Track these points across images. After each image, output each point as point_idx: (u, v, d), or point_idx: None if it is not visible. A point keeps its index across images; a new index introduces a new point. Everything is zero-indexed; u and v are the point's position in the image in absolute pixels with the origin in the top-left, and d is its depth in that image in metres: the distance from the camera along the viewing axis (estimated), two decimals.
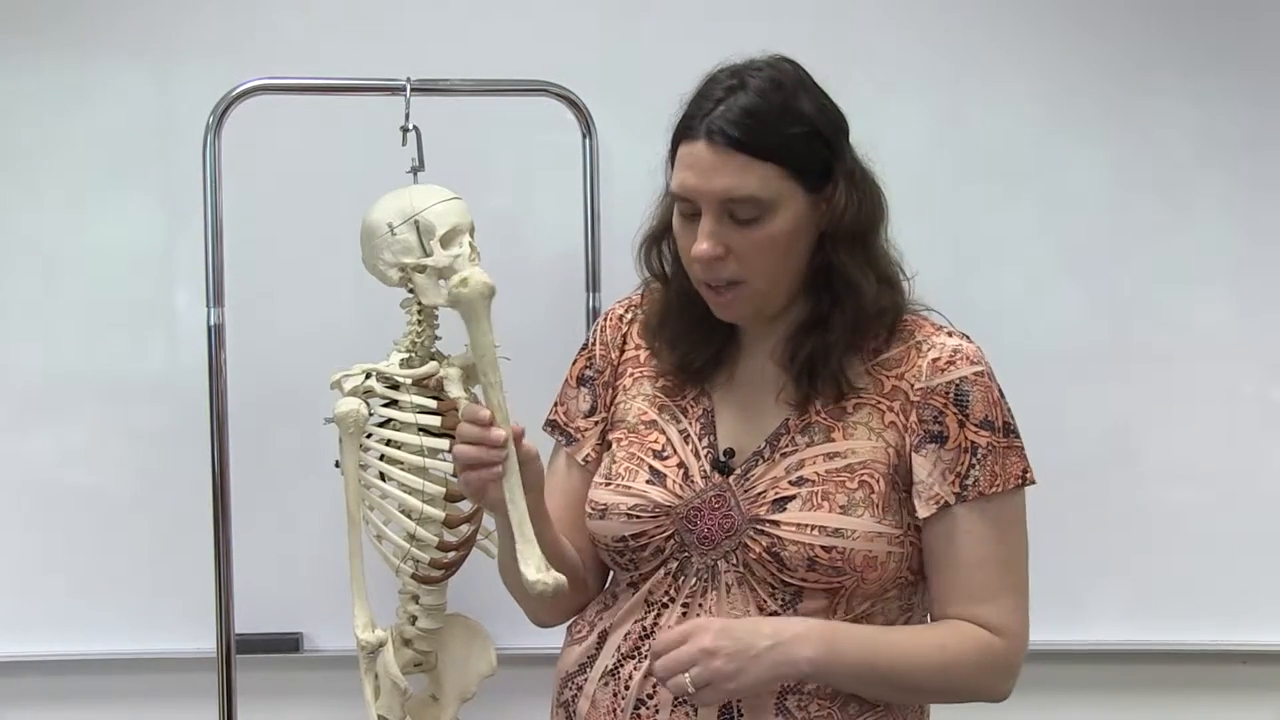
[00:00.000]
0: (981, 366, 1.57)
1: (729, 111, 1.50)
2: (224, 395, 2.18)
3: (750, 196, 1.50)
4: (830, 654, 1.48)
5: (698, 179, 1.51)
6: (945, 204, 2.38)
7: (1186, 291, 2.45)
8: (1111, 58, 2.42)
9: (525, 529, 1.50)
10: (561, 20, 2.38)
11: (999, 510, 1.56)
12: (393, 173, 2.13)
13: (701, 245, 1.51)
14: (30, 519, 2.41)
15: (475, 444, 1.51)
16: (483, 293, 1.52)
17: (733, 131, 1.49)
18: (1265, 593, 2.43)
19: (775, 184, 1.51)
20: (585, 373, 1.72)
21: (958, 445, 1.55)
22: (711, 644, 1.45)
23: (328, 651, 2.40)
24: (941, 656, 1.53)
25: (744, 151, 1.49)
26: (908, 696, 1.60)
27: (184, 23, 2.38)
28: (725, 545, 1.56)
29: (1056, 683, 2.43)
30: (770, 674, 1.47)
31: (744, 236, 1.51)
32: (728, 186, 1.50)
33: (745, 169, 1.50)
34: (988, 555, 1.55)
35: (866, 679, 1.53)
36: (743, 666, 1.45)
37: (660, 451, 1.62)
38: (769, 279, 1.55)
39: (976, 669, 1.55)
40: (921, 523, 1.56)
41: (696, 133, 1.51)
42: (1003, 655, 1.55)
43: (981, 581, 1.55)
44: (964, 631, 1.54)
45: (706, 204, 1.51)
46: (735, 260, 1.52)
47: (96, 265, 2.42)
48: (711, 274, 1.54)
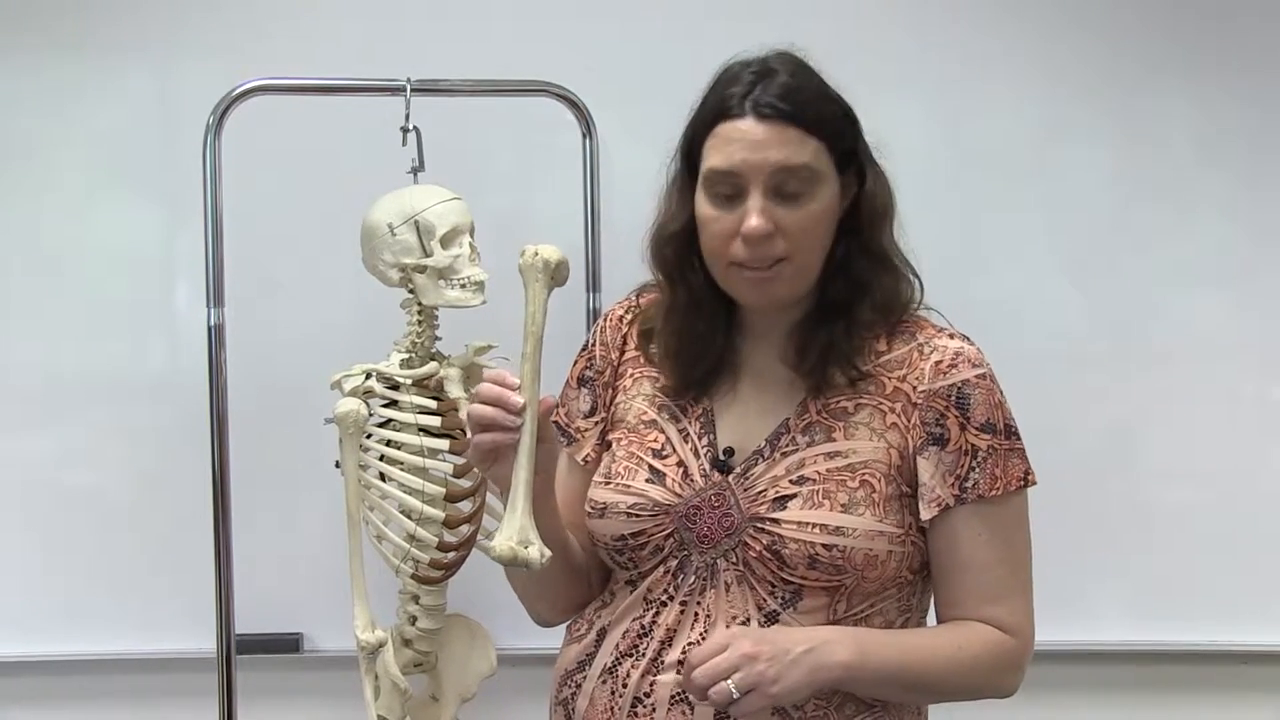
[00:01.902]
0: (983, 369, 1.58)
1: (772, 88, 1.51)
2: (224, 395, 2.18)
3: (805, 166, 1.50)
4: (862, 657, 1.50)
5: (749, 152, 1.50)
6: (945, 204, 2.38)
7: (1186, 291, 2.45)
8: (1112, 58, 2.42)
9: (518, 502, 1.48)
10: (561, 20, 2.38)
11: (1001, 512, 1.56)
12: (393, 173, 2.13)
13: (753, 221, 1.50)
14: (30, 519, 2.42)
15: (493, 404, 1.50)
16: (536, 265, 1.51)
17: (783, 105, 1.50)
18: (1265, 593, 2.43)
19: (822, 159, 1.52)
20: (585, 373, 1.72)
21: (958, 448, 1.55)
22: (752, 649, 1.45)
23: (328, 652, 2.40)
24: (960, 657, 1.55)
25: (795, 124, 1.50)
26: (927, 697, 1.63)
27: (184, 23, 2.38)
28: (725, 544, 1.56)
29: (1057, 682, 2.43)
30: (808, 678, 1.47)
31: (791, 213, 1.51)
32: (784, 157, 1.50)
33: (799, 141, 1.50)
34: (995, 557, 1.56)
35: (895, 681, 1.54)
36: (783, 671, 1.45)
37: (660, 450, 1.62)
38: (813, 257, 1.55)
39: (992, 668, 1.57)
40: (926, 525, 1.56)
41: (741, 110, 1.51)
42: (1015, 653, 1.57)
43: (991, 583, 1.56)
44: (978, 632, 1.56)
45: (756, 178, 1.50)
46: (782, 237, 1.52)
47: (96, 265, 2.42)
48: (760, 251, 1.52)
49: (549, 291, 1.53)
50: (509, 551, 1.47)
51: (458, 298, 2.07)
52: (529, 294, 1.52)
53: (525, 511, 1.49)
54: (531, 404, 1.49)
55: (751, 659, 1.44)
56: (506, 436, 1.49)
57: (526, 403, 1.49)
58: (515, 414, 1.48)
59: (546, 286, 1.52)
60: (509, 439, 1.49)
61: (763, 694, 1.45)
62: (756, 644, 1.46)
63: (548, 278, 1.52)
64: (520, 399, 1.49)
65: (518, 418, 1.49)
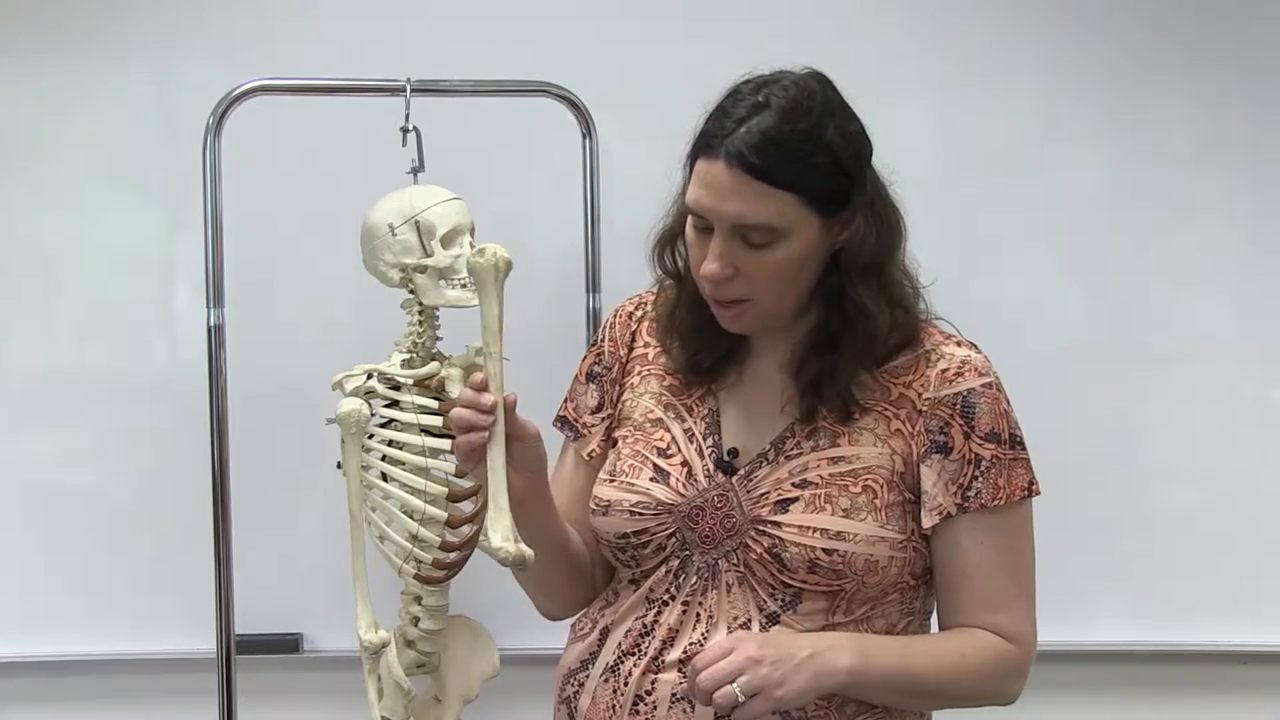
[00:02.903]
0: (990, 378, 1.58)
1: (750, 135, 1.48)
2: (224, 395, 2.18)
3: (764, 224, 1.49)
4: (866, 663, 1.50)
5: (712, 200, 1.50)
6: (945, 204, 2.38)
7: (1186, 292, 2.45)
8: (1112, 59, 2.42)
9: (499, 498, 1.49)
10: (561, 20, 2.38)
11: (1003, 521, 1.56)
12: (393, 173, 2.13)
13: (711, 265, 1.51)
14: (30, 519, 2.42)
15: (468, 407, 1.51)
16: (494, 265, 1.51)
17: (752, 158, 1.47)
18: (1265, 593, 2.43)
19: (790, 213, 1.49)
20: (594, 369, 1.72)
21: (962, 456, 1.55)
22: (757, 653, 1.45)
23: (328, 652, 2.40)
24: (963, 664, 1.55)
25: (762, 179, 1.47)
26: (930, 703, 1.63)
27: (184, 23, 2.38)
28: (726, 545, 1.56)
29: (1057, 683, 2.42)
30: (813, 682, 1.47)
31: (754, 259, 1.51)
32: (741, 212, 1.48)
33: (762, 196, 1.48)
34: (997, 565, 1.56)
35: (898, 688, 1.55)
36: (788, 675, 1.45)
37: (665, 449, 1.62)
38: (776, 298, 1.55)
39: (993, 675, 1.57)
40: (929, 533, 1.56)
41: (716, 152, 1.49)
42: (1017, 660, 1.58)
43: (994, 591, 1.56)
44: (981, 639, 1.56)
45: (719, 225, 1.50)
46: (744, 280, 1.52)
47: (96, 265, 2.42)
48: (719, 293, 1.54)
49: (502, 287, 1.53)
50: (515, 551, 1.47)
51: (458, 298, 2.07)
52: (487, 294, 1.51)
53: (507, 507, 1.50)
54: (499, 401, 1.50)
55: (756, 662, 1.44)
56: (480, 436, 1.50)
57: (496, 401, 1.50)
58: (486, 412, 1.49)
59: (501, 284, 1.52)
60: (482, 438, 1.50)
61: (768, 697, 1.45)
62: (761, 648, 1.46)
63: (504, 275, 1.52)
64: (490, 398, 1.49)
65: (489, 416, 1.50)
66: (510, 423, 1.51)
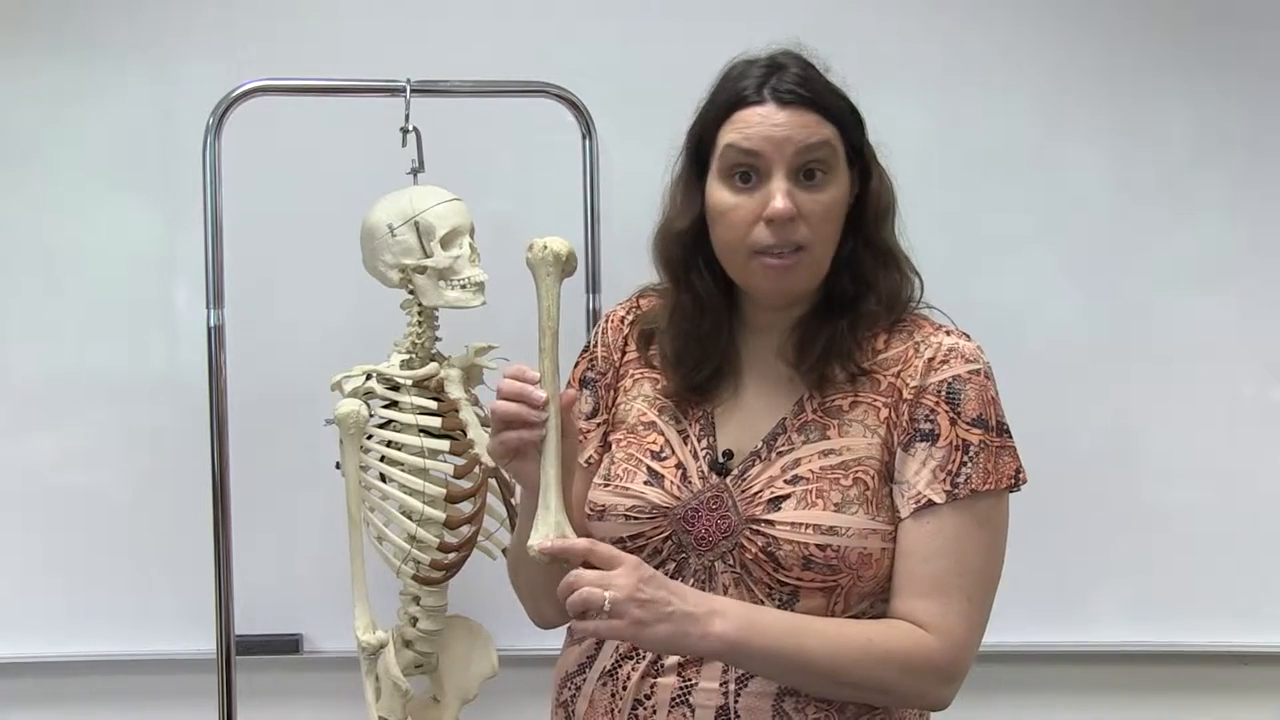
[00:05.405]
0: (978, 365, 1.57)
1: (787, 77, 1.54)
2: (224, 395, 2.18)
3: (826, 143, 1.53)
4: (747, 633, 1.46)
5: (772, 133, 1.52)
6: (945, 204, 2.38)
7: (1186, 292, 2.46)
8: (1111, 59, 2.42)
9: (549, 497, 1.47)
10: (561, 21, 2.38)
11: (972, 506, 1.53)
12: (393, 173, 2.13)
13: (779, 203, 1.51)
14: (30, 519, 2.42)
15: (515, 399, 1.49)
16: (546, 259, 1.51)
17: (803, 91, 1.53)
18: (1265, 593, 2.44)
19: (836, 144, 1.55)
20: (587, 374, 1.72)
21: (949, 443, 1.54)
22: (636, 591, 1.41)
23: (328, 653, 2.41)
24: (870, 650, 1.49)
25: (813, 109, 1.53)
26: (830, 689, 1.53)
27: (184, 24, 2.38)
28: (722, 546, 1.56)
29: (1057, 683, 2.43)
30: (675, 638, 1.43)
31: (811, 198, 1.53)
32: (808, 135, 1.52)
33: (819, 123, 1.53)
34: (941, 551, 1.51)
35: (783, 665, 1.49)
36: (650, 619, 1.42)
37: (658, 452, 1.62)
38: (827, 249, 1.56)
39: (905, 670, 1.50)
40: (900, 520, 1.54)
41: (760, 97, 1.53)
42: (936, 657, 1.50)
43: (926, 575, 1.51)
44: (897, 629, 1.51)
45: (780, 160, 1.52)
46: (803, 223, 1.53)
47: (96, 265, 2.43)
48: (784, 235, 1.53)
49: (560, 283, 1.52)
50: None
51: (458, 298, 2.07)
52: (542, 288, 1.51)
53: (559, 508, 1.48)
54: (554, 398, 1.49)
55: (631, 597, 1.41)
56: (532, 433, 1.49)
57: (549, 397, 1.48)
58: (538, 409, 1.48)
59: (558, 279, 1.52)
60: (534, 435, 1.49)
61: (621, 629, 1.42)
62: (644, 586, 1.42)
63: (559, 270, 1.52)
64: (543, 394, 1.48)
65: (541, 413, 1.48)
66: (565, 420, 1.50)
